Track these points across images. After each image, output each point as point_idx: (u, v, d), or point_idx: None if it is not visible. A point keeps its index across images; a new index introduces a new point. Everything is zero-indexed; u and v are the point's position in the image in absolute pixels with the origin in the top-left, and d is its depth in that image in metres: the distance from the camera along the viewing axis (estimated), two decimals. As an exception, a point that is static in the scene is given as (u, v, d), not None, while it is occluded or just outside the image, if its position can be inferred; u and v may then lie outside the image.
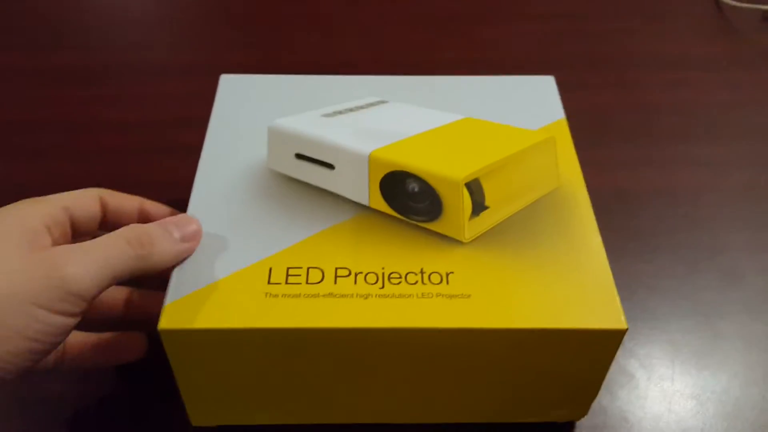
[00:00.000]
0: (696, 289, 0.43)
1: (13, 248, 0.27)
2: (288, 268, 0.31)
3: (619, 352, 0.39)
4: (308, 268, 0.31)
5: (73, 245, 0.29)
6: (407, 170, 0.33)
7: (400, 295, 0.30)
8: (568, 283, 0.31)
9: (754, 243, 0.46)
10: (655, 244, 0.45)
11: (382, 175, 0.34)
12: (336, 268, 0.31)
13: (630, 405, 0.37)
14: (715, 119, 0.55)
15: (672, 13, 0.67)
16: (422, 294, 0.30)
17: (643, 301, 0.42)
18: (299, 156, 0.35)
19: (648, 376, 0.38)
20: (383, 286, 0.30)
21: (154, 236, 0.30)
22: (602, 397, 0.37)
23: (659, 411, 0.37)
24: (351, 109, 0.38)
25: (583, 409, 0.35)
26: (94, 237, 0.30)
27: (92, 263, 0.28)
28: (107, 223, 0.34)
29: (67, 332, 0.28)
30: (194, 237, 0.32)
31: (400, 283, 0.31)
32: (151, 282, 0.36)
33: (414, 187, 0.33)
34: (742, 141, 0.53)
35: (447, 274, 0.31)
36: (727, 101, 0.57)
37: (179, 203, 0.35)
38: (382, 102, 0.39)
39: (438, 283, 0.31)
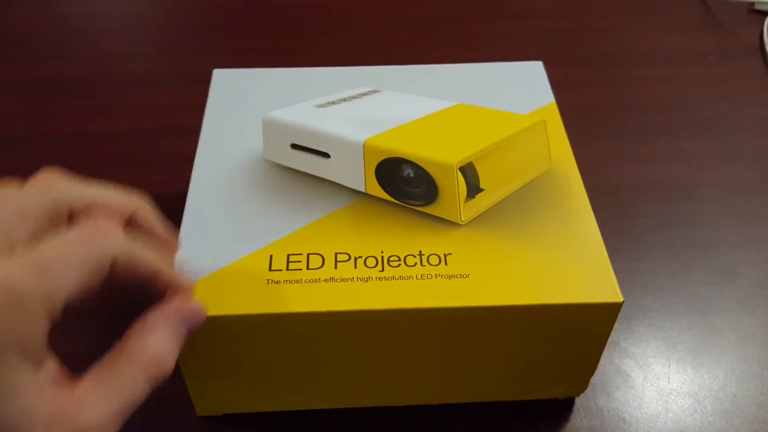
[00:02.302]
0: (690, 285, 0.43)
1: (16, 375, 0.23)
2: (288, 255, 0.32)
3: (614, 352, 0.39)
4: (308, 254, 0.32)
5: (88, 383, 0.25)
6: (402, 156, 0.34)
7: (400, 277, 0.31)
8: (563, 260, 0.32)
9: (746, 236, 0.46)
10: (647, 241, 0.45)
11: (377, 162, 0.34)
12: (336, 254, 0.32)
13: (627, 406, 0.37)
14: (703, 113, 0.55)
15: (657, 8, 0.67)
16: (421, 275, 0.31)
17: (638, 299, 0.42)
18: (295, 146, 0.36)
19: (644, 375, 0.38)
20: (383, 269, 0.31)
21: (172, 356, 0.27)
22: (598, 399, 0.37)
23: (656, 411, 0.37)
24: (344, 99, 0.39)
25: (583, 384, 0.35)
26: None
27: (110, 409, 0.25)
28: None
29: None
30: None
31: (399, 265, 0.31)
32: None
33: (409, 172, 0.34)
34: (730, 135, 0.53)
35: (445, 256, 0.32)
36: (714, 95, 0.57)
37: (173, 212, 0.35)
38: (375, 91, 0.40)
39: (436, 265, 0.31)
